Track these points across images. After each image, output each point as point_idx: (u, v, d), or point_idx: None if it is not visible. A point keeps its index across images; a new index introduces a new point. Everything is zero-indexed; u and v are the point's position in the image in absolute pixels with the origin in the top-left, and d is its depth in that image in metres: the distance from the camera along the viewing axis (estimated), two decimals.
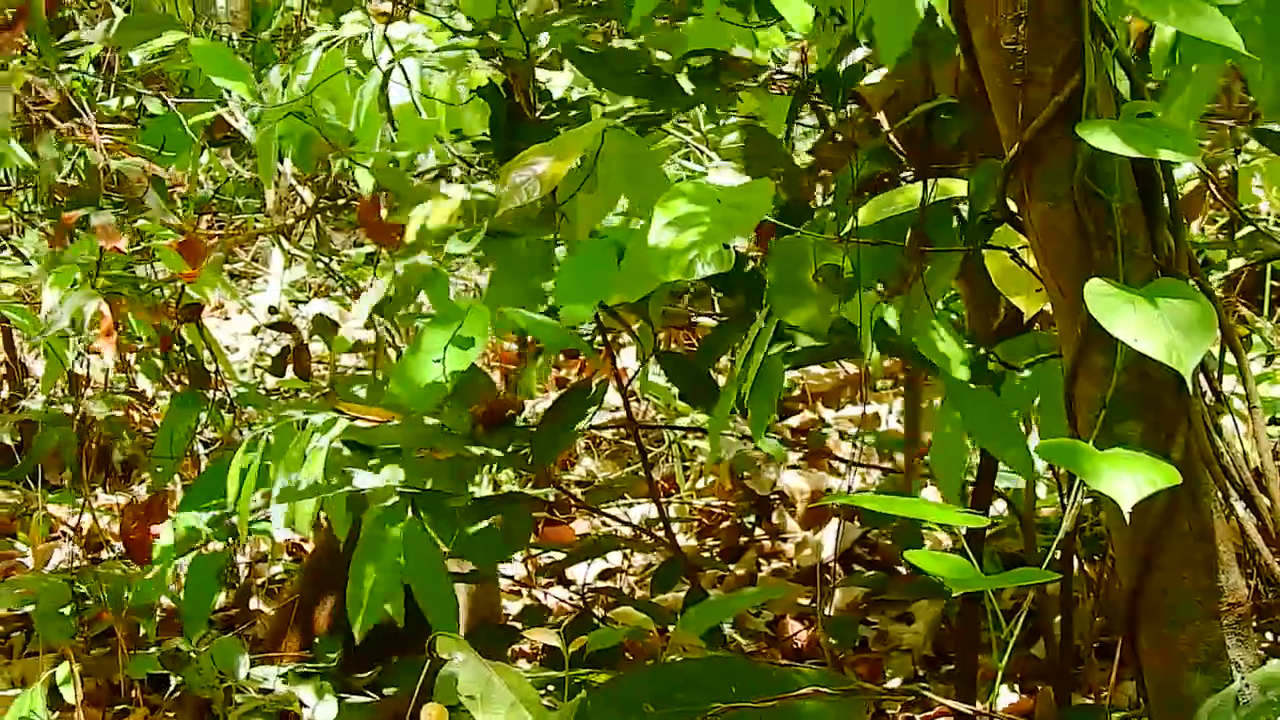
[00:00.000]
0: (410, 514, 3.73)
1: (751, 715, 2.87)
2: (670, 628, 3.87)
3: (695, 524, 5.70)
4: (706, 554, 5.43)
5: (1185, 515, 2.80)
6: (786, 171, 3.83)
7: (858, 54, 3.81)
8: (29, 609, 4.69)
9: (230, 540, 4.30)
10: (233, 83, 4.58)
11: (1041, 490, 4.52)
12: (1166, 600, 2.83)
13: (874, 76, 3.76)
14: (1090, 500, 3.38)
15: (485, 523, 3.90)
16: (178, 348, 5.10)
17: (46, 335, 4.90)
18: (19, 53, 4.80)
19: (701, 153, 4.75)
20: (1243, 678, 2.74)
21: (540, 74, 4.25)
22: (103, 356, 4.90)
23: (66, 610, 4.39)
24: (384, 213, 4.57)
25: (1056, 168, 2.79)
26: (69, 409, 6.00)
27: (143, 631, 4.46)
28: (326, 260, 6.38)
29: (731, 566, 5.31)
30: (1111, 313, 2.61)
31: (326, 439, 3.68)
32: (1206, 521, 2.83)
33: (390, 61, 4.46)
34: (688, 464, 6.03)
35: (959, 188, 3.15)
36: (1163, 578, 2.83)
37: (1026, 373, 3.53)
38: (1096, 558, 4.36)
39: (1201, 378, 2.91)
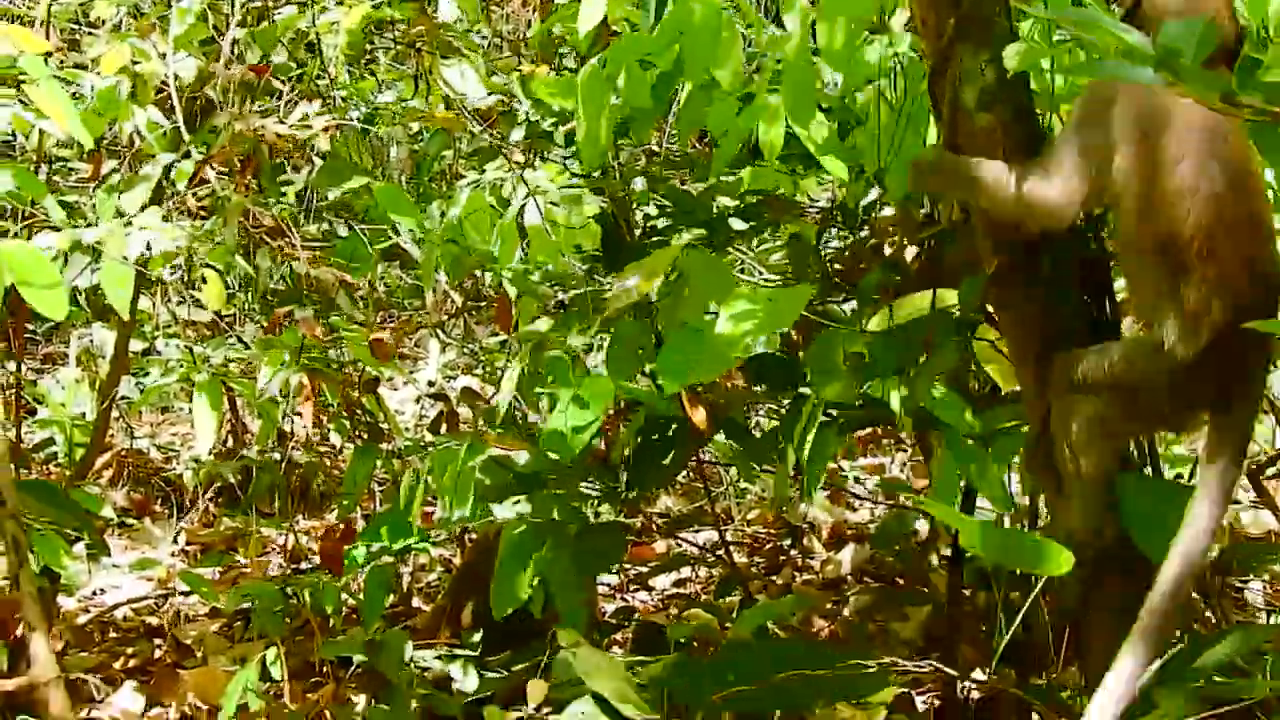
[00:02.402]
0: (549, 536, 3.74)
1: (813, 682, 2.86)
2: (728, 625, 3.87)
3: (746, 545, 5.68)
4: (754, 569, 5.42)
5: None
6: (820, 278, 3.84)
7: (873, 193, 3.83)
8: (247, 606, 4.73)
9: (397, 557, 4.34)
10: (404, 217, 4.61)
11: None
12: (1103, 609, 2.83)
13: (887, 210, 3.77)
14: None
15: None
16: (359, 411, 5.15)
17: (262, 400, 4.94)
18: (243, 189, 4.85)
19: (753, 267, 4.77)
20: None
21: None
22: (303, 416, 4.95)
23: (278, 608, 4.41)
24: (514, 311, 4.62)
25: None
26: (277, 456, 6.07)
27: (332, 623, 4.48)
28: (471, 347, 6.43)
29: (773, 578, 5.30)
30: None
31: (475, 461, 3.73)
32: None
33: (525, 197, 4.49)
34: (740, 500, 6.03)
35: (953, 297, 3.15)
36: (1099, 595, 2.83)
37: None
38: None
39: None
